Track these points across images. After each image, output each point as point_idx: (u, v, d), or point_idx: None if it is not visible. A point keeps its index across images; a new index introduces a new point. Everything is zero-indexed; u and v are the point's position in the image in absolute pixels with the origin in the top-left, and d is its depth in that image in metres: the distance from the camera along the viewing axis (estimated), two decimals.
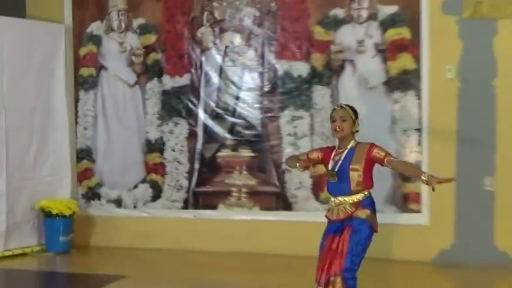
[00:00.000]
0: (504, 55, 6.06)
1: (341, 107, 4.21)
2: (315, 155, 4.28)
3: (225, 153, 6.92)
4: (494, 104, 6.07)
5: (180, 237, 6.96)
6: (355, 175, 4.06)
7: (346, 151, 4.14)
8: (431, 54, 6.26)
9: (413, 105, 6.32)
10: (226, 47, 6.86)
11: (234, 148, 6.90)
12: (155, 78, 7.02)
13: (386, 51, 6.40)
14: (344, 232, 4.13)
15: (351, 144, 4.14)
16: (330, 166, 4.18)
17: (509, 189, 6.02)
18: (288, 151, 6.62)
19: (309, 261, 6.31)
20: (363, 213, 4.12)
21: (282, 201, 6.76)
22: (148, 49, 7.04)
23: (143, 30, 7.05)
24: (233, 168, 6.90)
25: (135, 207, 7.13)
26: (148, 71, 7.06)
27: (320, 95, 6.56)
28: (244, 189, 6.87)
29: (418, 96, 6.30)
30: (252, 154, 6.85)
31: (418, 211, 6.29)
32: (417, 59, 6.30)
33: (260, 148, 6.82)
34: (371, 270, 5.79)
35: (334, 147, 4.28)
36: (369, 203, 4.17)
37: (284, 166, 6.65)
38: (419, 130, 6.26)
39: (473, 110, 6.14)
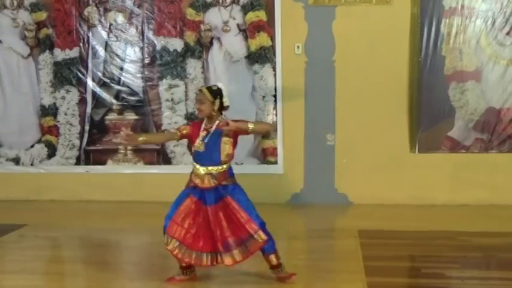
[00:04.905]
0: (341, 36, 6.74)
1: (200, 90, 4.31)
2: (185, 131, 4.34)
3: (112, 116, 7.22)
4: (333, 74, 6.76)
5: (73, 190, 7.23)
6: (226, 147, 4.20)
7: (215, 126, 4.23)
8: (283, 34, 6.81)
9: (269, 76, 6.87)
10: (111, 24, 7.09)
11: (120, 112, 7.20)
12: (47, 51, 7.17)
13: (247, 31, 6.87)
14: (225, 203, 4.21)
15: (218, 121, 4.24)
16: (200, 138, 4.24)
17: (345, 144, 6.80)
18: (166, 114, 7.05)
19: None
20: (230, 181, 4.28)
21: (162, 157, 7.14)
22: (40, 25, 7.15)
23: (34, 7, 7.15)
24: (119, 129, 6.69)
25: (32, 164, 7.35)
26: (41, 44, 7.19)
27: (193, 66, 6.98)
28: (129, 147, 7.20)
29: (274, 68, 6.85)
30: (135, 117, 7.18)
31: (274, 162, 6.93)
32: (272, 37, 6.83)
33: (143, 112, 7.16)
34: None
35: (202, 122, 4.33)
36: (232, 172, 4.32)
37: (164, 126, 7.03)
38: (275, 96, 6.86)
39: (317, 80, 6.79)
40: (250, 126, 4.19)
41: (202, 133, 4.25)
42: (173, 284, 4.38)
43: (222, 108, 4.30)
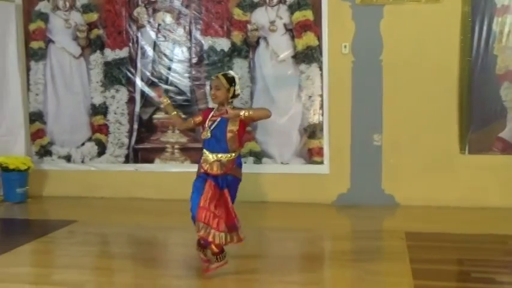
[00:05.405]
0: (388, 35, 6.65)
1: (217, 76, 4.39)
2: (198, 118, 4.53)
3: (159, 115, 7.29)
4: (381, 75, 6.68)
5: (122, 187, 7.35)
6: (232, 135, 4.29)
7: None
8: (330, 33, 6.76)
9: (316, 75, 6.83)
10: (159, 24, 7.19)
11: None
12: (98, 51, 7.33)
13: (294, 30, 6.83)
14: (224, 191, 4.32)
15: (228, 108, 4.28)
16: (207, 125, 4.36)
17: (393, 144, 6.69)
18: None
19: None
20: (238, 173, 4.40)
21: None
22: (91, 26, 7.33)
23: (86, 9, 7.32)
24: (167, 128, 7.29)
25: (82, 162, 7.52)
26: (92, 45, 7.35)
27: (239, 66, 6.98)
28: (176, 146, 7.31)
29: (320, 68, 6.80)
30: (183, 116, 6.83)
31: (321, 162, 6.89)
32: (319, 37, 6.78)
33: (190, 111, 7.02)
34: (287, 212, 6.51)
35: (212, 109, 4.46)
36: (240, 161, 4.43)
37: None
38: (321, 96, 6.83)
39: (364, 79, 6.71)
40: (247, 112, 4.23)
41: (210, 121, 4.36)
42: (212, 273, 4.41)
43: (234, 96, 4.37)
